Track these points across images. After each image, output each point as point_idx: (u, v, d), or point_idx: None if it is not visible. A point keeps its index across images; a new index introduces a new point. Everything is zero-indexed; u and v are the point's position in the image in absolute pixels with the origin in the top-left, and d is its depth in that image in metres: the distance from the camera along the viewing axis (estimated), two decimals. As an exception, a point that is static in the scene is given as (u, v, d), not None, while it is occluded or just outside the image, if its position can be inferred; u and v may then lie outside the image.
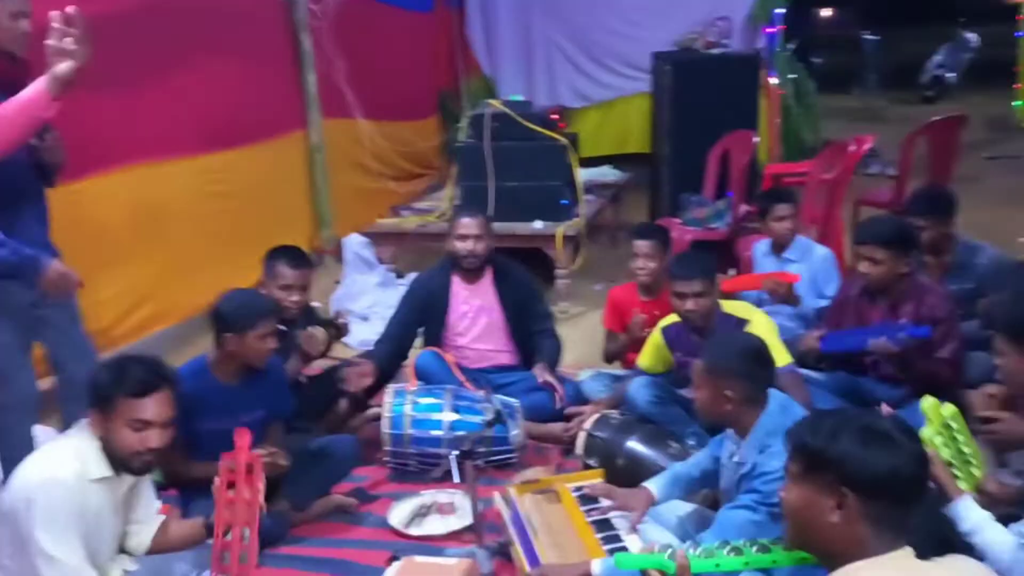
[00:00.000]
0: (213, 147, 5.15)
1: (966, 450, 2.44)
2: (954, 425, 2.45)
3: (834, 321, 3.71)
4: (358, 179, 7.44)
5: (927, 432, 2.44)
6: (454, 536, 3.20)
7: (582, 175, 5.80)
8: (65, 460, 2.33)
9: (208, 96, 5.07)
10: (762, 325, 3.33)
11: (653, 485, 2.79)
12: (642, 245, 3.99)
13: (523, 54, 8.89)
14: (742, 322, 3.34)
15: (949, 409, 2.46)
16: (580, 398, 3.90)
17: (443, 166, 8.93)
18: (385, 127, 7.67)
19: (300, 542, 3.19)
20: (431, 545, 3.14)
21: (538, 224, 5.41)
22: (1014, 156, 9.95)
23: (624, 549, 2.57)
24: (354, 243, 5.70)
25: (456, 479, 3.02)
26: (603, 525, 2.74)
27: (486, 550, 3.01)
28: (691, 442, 3.33)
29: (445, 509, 3.34)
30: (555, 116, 5.82)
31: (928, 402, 2.49)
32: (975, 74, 14.31)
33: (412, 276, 5.66)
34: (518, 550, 2.66)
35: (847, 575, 1.62)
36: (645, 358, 3.67)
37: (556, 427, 3.79)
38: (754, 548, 1.87)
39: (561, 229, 5.37)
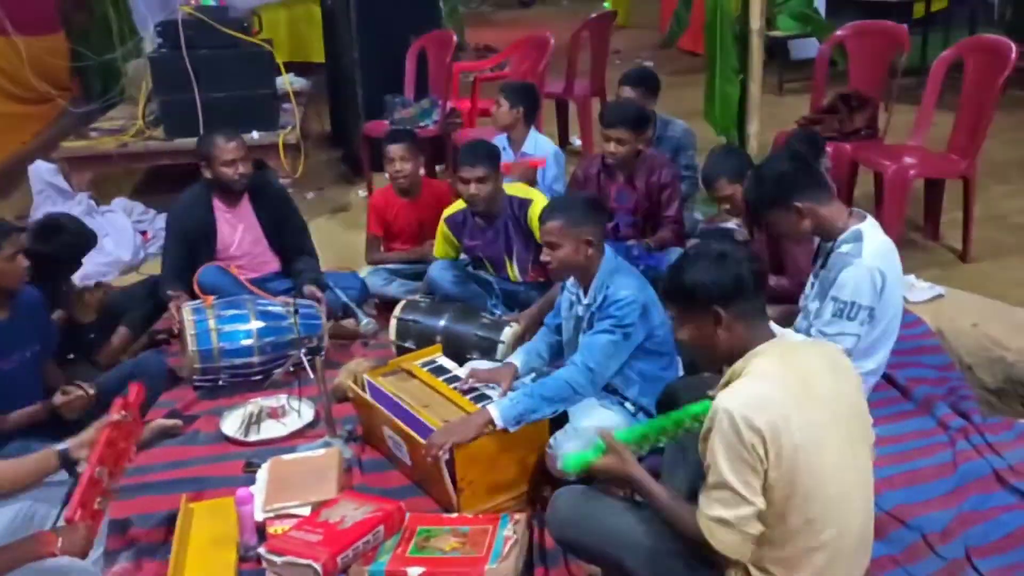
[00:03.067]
0: None
1: None
2: None
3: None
4: (-7, 103, 6.60)
5: None
6: (297, 435, 3.28)
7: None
8: None
9: None
10: (543, 202, 3.73)
11: (514, 360, 3.11)
12: (396, 149, 4.16)
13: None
14: (525, 202, 3.72)
15: None
16: (365, 291, 4.07)
17: (75, 87, 8.13)
18: (14, 43, 6.82)
19: (144, 471, 3.06)
20: (279, 447, 3.19)
21: (255, 135, 5.29)
22: (615, 50, 11.36)
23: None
24: (43, 171, 5.13)
25: (311, 374, 3.09)
26: (468, 391, 3.01)
27: (340, 439, 3.17)
28: (498, 312, 3.70)
29: (276, 413, 3.39)
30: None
31: None
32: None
33: (117, 202, 5.31)
34: (400, 426, 2.85)
35: (746, 362, 2.07)
36: (439, 249, 3.94)
37: (349, 323, 3.93)
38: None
39: (282, 137, 5.32)
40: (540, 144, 4.59)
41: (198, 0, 5.46)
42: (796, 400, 1.98)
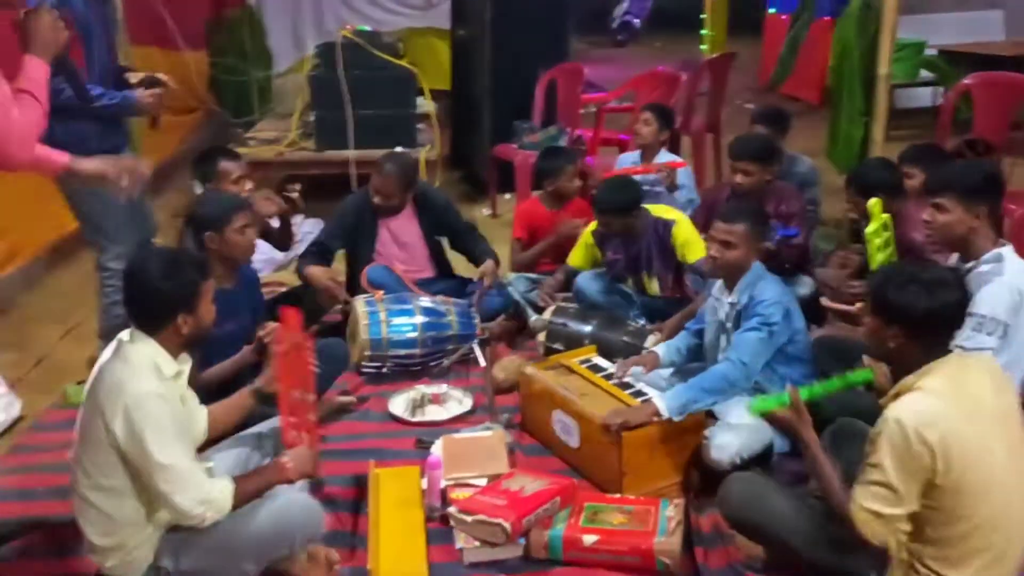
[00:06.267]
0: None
1: (889, 248, 3.32)
2: (887, 228, 3.31)
3: (705, 223, 4.48)
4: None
5: (871, 228, 3.26)
6: (459, 419, 3.58)
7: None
8: (144, 370, 2.37)
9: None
10: (685, 223, 4.03)
11: (658, 350, 3.40)
12: (572, 167, 4.57)
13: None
14: (669, 223, 4.01)
15: (886, 214, 3.31)
16: (510, 296, 4.37)
17: (209, 99, 8.70)
18: (170, 56, 7.39)
19: (328, 439, 3.37)
20: (444, 428, 3.48)
21: (399, 150, 5.67)
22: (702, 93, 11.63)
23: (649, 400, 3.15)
24: (208, 174, 5.59)
25: (482, 363, 3.41)
26: (624, 386, 3.29)
27: (499, 424, 3.46)
28: (642, 321, 3.98)
29: (438, 399, 3.70)
30: (394, 47, 6.07)
31: (873, 201, 3.30)
32: (658, 19, 16.15)
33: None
34: (577, 406, 3.12)
35: (918, 377, 2.21)
36: (575, 258, 4.25)
37: (497, 324, 4.25)
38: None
39: (424, 153, 5.71)
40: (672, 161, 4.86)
41: (354, 25, 5.90)
42: (965, 415, 2.15)
